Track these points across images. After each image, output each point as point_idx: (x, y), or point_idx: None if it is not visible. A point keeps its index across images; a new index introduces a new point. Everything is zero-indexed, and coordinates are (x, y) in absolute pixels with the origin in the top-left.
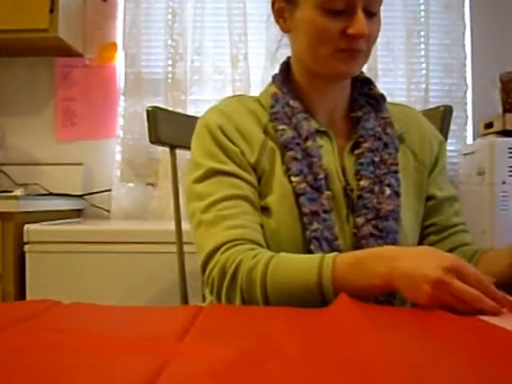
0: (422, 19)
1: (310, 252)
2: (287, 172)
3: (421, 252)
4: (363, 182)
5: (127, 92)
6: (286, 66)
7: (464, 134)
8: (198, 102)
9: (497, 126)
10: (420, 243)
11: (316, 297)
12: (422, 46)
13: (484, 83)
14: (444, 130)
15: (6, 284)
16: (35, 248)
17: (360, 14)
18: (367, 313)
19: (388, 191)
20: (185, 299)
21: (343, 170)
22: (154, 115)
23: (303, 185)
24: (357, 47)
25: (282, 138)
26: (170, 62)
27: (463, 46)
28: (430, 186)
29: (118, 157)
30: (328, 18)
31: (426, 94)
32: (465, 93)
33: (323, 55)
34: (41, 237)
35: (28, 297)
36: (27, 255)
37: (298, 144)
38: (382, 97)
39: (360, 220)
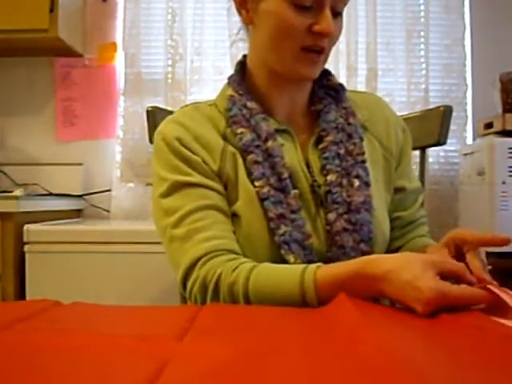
0: (422, 19)
1: (282, 256)
2: (250, 177)
3: (404, 265)
4: (330, 177)
5: (127, 92)
6: (242, 66)
7: (464, 134)
8: None
9: (497, 126)
10: None
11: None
12: (422, 46)
13: (484, 83)
14: (444, 130)
15: (5, 284)
16: (35, 248)
17: (327, 12)
18: (367, 312)
19: (357, 183)
20: (185, 299)
21: (308, 166)
22: (154, 115)
23: (266, 188)
24: (321, 45)
25: (242, 141)
26: (169, 62)
27: (463, 46)
28: (400, 177)
29: (118, 157)
30: (295, 13)
31: (425, 94)
32: (465, 93)
33: (286, 51)
34: (41, 237)
35: (28, 297)
36: (27, 255)
37: (257, 146)
38: (341, 86)
39: (331, 216)
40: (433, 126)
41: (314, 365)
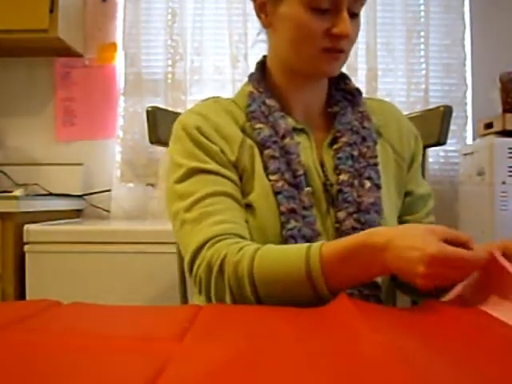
0: (422, 19)
1: None
2: (266, 170)
3: (407, 232)
4: (342, 177)
5: (127, 92)
6: (262, 66)
7: (464, 134)
8: None
9: (497, 126)
10: None
11: (308, 289)
12: (422, 46)
13: (484, 83)
14: (444, 130)
15: (5, 284)
16: (35, 248)
17: (345, 14)
18: (367, 312)
19: (368, 184)
20: (185, 299)
21: (322, 165)
22: (154, 115)
23: (281, 183)
24: (340, 47)
25: (260, 136)
26: (169, 62)
27: (463, 46)
28: (409, 181)
29: (118, 157)
30: (313, 16)
31: (425, 94)
32: (465, 93)
33: (306, 54)
34: (41, 237)
35: (28, 297)
36: (27, 255)
37: (275, 142)
38: (358, 91)
39: (341, 214)
40: (433, 125)
41: (313, 365)
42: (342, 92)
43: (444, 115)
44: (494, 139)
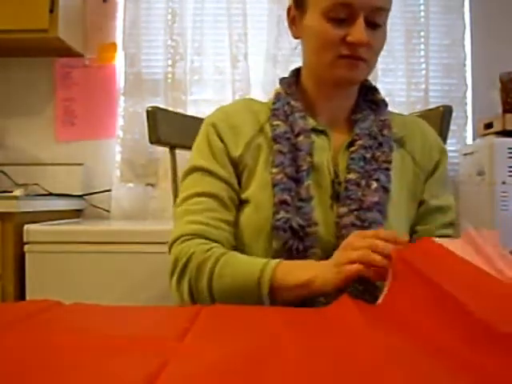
0: (422, 19)
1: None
2: (271, 164)
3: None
4: (351, 175)
5: (127, 92)
6: (296, 72)
7: (464, 134)
8: (198, 102)
9: (497, 126)
10: None
11: (253, 298)
12: (422, 47)
13: (484, 83)
14: (444, 130)
15: (5, 284)
16: (35, 248)
17: (360, 23)
18: (369, 314)
19: (375, 185)
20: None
21: (336, 166)
22: (154, 115)
23: (280, 176)
24: (357, 55)
25: (274, 132)
26: (169, 62)
27: (463, 46)
28: (425, 191)
29: (118, 157)
30: (331, 26)
31: (425, 94)
32: (464, 93)
33: (325, 60)
34: (41, 237)
35: (28, 297)
36: (27, 255)
37: (287, 139)
38: (384, 102)
39: (343, 210)
40: (433, 126)
41: (314, 366)
42: (369, 102)
43: (444, 115)
44: (494, 139)
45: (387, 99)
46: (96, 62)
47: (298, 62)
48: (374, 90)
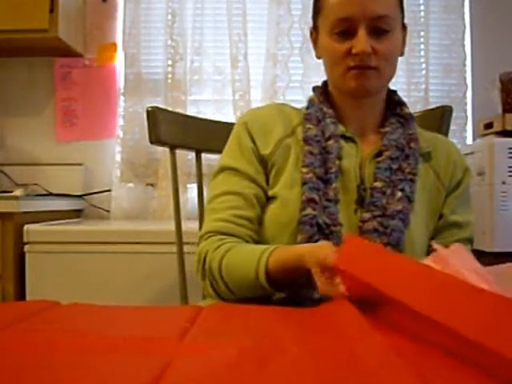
0: (422, 19)
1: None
2: (302, 164)
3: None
4: (377, 184)
5: (127, 92)
6: (327, 82)
7: (464, 134)
8: (198, 102)
9: (497, 126)
10: None
11: (258, 288)
12: (422, 46)
13: (484, 83)
14: (444, 131)
15: (5, 284)
16: (35, 248)
17: (361, 34)
18: (368, 312)
19: (399, 194)
20: (185, 299)
21: (362, 173)
22: (154, 115)
23: (310, 175)
24: (363, 64)
25: (305, 134)
26: (169, 63)
27: (463, 46)
28: (445, 206)
29: (118, 157)
30: (336, 41)
31: (425, 94)
32: (464, 93)
33: (337, 73)
34: (41, 237)
35: (28, 297)
36: (27, 255)
37: (318, 141)
38: (411, 116)
39: (366, 215)
40: (433, 126)
41: (314, 366)
42: (398, 116)
43: (444, 115)
44: (494, 139)
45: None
46: (96, 62)
47: (298, 62)
48: (403, 104)
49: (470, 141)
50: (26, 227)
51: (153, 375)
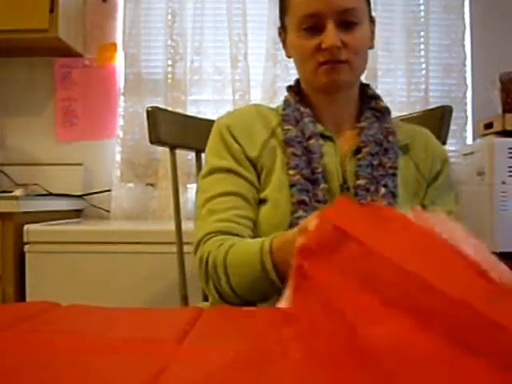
0: (422, 19)
1: None
2: (287, 166)
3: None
4: (360, 181)
5: (127, 92)
6: (299, 81)
7: (464, 134)
8: (198, 102)
9: (497, 127)
10: None
11: (264, 279)
12: (422, 46)
13: (484, 83)
14: (444, 131)
15: (5, 284)
16: (35, 248)
17: (330, 28)
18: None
19: (383, 190)
20: (185, 299)
21: (344, 171)
22: (154, 115)
23: (297, 177)
24: (334, 59)
25: (286, 135)
26: (169, 63)
27: (463, 46)
28: (425, 197)
29: (118, 157)
30: (305, 37)
31: (425, 94)
32: (464, 93)
33: (308, 70)
34: (41, 237)
35: (28, 297)
36: (27, 255)
37: (299, 142)
38: (387, 109)
39: None
40: (433, 126)
41: (314, 369)
42: (373, 110)
43: (444, 115)
44: (494, 139)
45: (387, 99)
46: (96, 62)
47: None
48: (377, 97)
49: (469, 141)
50: (25, 227)
51: (149, 378)
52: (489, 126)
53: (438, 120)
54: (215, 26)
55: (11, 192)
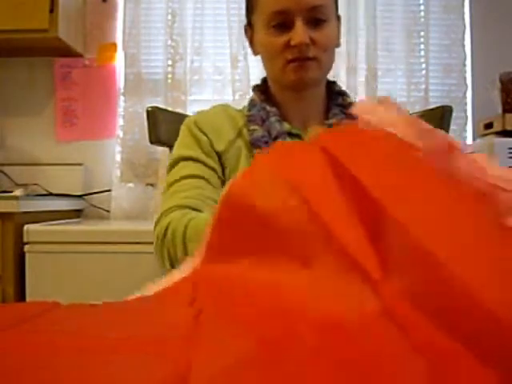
0: (422, 19)
1: None
2: None
3: None
4: None
5: (127, 92)
6: (266, 80)
7: (464, 134)
8: (198, 102)
9: (497, 127)
10: None
11: None
12: (422, 46)
13: (484, 83)
14: (444, 131)
15: (5, 284)
16: (35, 248)
17: (299, 25)
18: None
19: None
20: None
21: None
22: (154, 115)
23: None
24: (303, 56)
25: (252, 136)
26: (169, 62)
27: (463, 46)
28: None
29: (118, 157)
30: (274, 35)
31: (425, 94)
32: (464, 93)
33: (276, 67)
34: (41, 237)
35: (28, 297)
36: (27, 255)
37: (266, 142)
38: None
39: None
40: (433, 126)
41: (338, 349)
42: (341, 107)
43: (444, 115)
44: (494, 139)
45: None
46: (96, 62)
47: None
48: (344, 94)
49: (470, 141)
50: (25, 227)
51: (179, 376)
52: (489, 125)
53: (438, 120)
54: (215, 26)
55: (11, 192)
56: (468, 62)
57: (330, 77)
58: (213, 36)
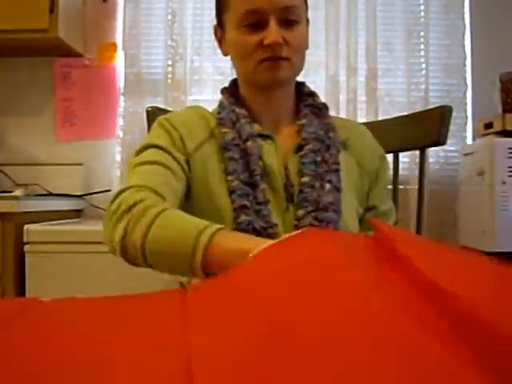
0: (422, 19)
1: None
2: (225, 172)
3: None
4: (305, 179)
5: (127, 92)
6: (235, 82)
7: (464, 134)
8: (198, 103)
9: (497, 126)
10: None
11: (187, 267)
12: (422, 46)
13: (484, 83)
14: (444, 131)
15: (5, 284)
16: (35, 248)
17: (272, 25)
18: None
19: (328, 186)
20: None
21: (286, 169)
22: (154, 115)
23: (235, 182)
24: (276, 55)
25: (223, 139)
26: (169, 62)
27: (463, 46)
28: (374, 198)
29: (118, 157)
30: (246, 34)
31: (425, 94)
32: (464, 93)
33: (249, 67)
34: (41, 237)
35: (28, 297)
36: (27, 255)
37: (237, 145)
38: (325, 106)
39: (300, 212)
40: (433, 126)
41: (339, 337)
42: (311, 107)
43: (444, 115)
44: (494, 139)
45: (387, 99)
46: (96, 62)
47: None
48: (314, 95)
49: (469, 141)
50: (26, 227)
51: (184, 371)
52: (489, 125)
53: (438, 120)
54: None
55: (11, 192)
56: (468, 62)
57: (330, 76)
58: (212, 36)
